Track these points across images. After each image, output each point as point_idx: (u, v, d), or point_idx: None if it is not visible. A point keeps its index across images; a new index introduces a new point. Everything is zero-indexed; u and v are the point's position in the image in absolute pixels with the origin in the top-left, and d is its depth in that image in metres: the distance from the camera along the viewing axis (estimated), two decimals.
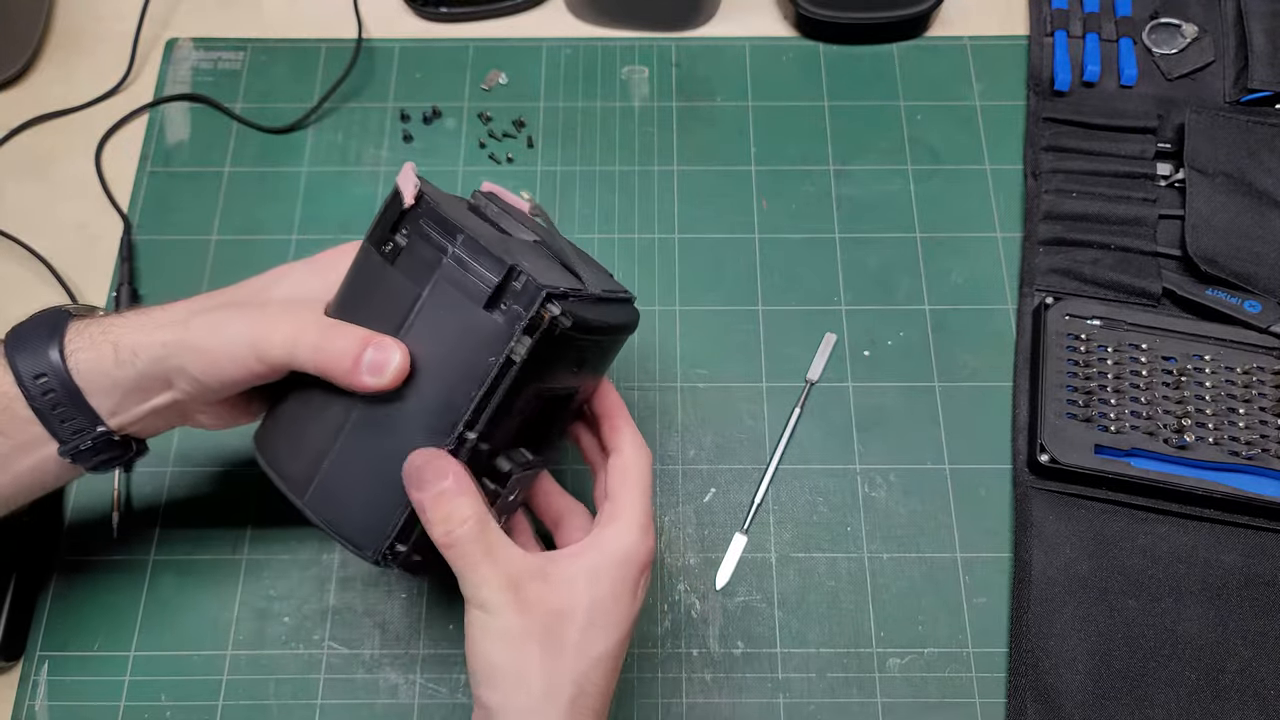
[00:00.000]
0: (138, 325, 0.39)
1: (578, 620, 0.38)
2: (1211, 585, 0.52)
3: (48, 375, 0.38)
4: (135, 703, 0.51)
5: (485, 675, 0.37)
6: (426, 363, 0.37)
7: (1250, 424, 0.54)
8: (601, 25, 0.70)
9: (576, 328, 0.37)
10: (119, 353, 0.39)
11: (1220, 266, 0.58)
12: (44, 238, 0.62)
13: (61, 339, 0.39)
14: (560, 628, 0.37)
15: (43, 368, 0.38)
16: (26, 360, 0.38)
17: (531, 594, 0.37)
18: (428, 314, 0.37)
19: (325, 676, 0.51)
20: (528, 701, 0.36)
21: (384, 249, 0.38)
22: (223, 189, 0.64)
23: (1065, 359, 0.57)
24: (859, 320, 0.60)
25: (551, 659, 0.37)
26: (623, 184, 0.65)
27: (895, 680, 0.52)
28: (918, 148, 0.66)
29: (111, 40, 0.69)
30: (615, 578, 0.39)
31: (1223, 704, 0.50)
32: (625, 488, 0.41)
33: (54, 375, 0.38)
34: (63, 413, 0.39)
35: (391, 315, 0.38)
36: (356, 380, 0.36)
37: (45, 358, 0.38)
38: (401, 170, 0.39)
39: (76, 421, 0.39)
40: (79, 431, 0.40)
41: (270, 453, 0.41)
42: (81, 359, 0.39)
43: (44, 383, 0.38)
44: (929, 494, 0.56)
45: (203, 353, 0.38)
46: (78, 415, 0.39)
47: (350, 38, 0.69)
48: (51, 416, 0.39)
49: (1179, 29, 0.67)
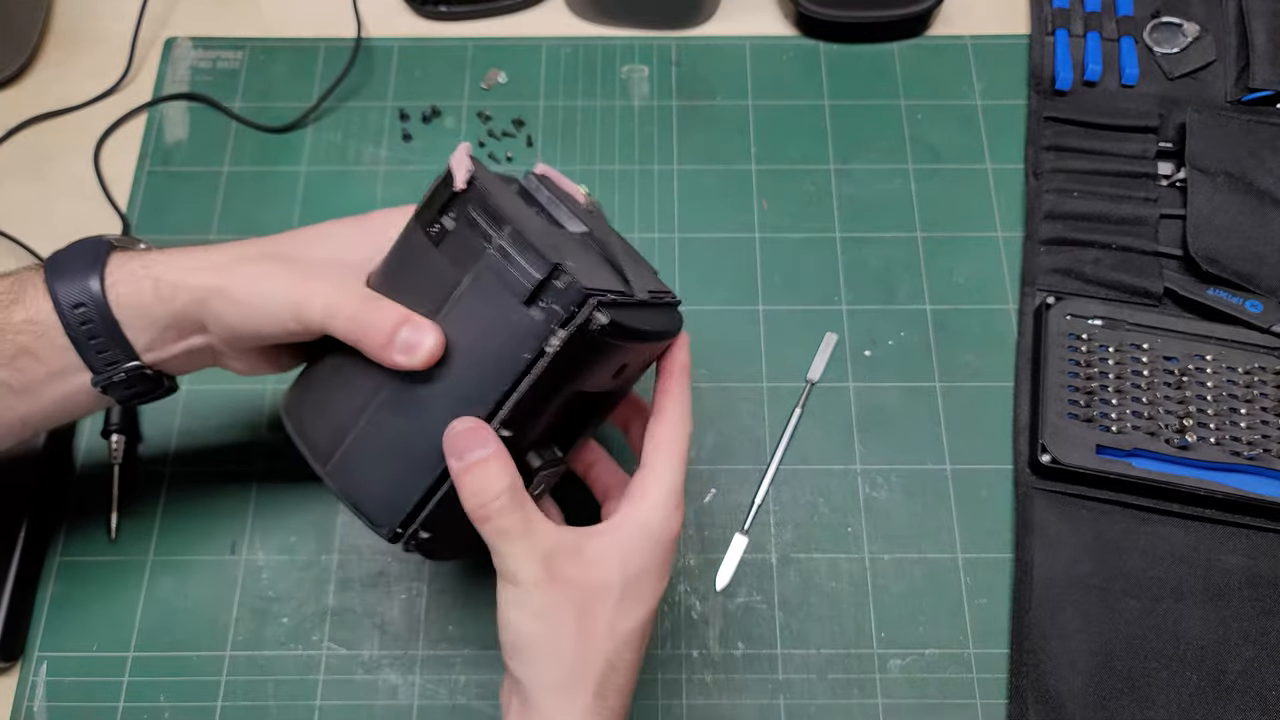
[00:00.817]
0: (180, 264, 0.39)
1: (611, 597, 0.38)
2: (1213, 586, 0.52)
3: (86, 305, 0.38)
4: (134, 703, 0.51)
5: (516, 648, 0.37)
6: (461, 350, 0.37)
7: (1252, 424, 0.54)
8: (601, 24, 0.70)
9: (614, 332, 0.36)
10: (159, 289, 0.38)
11: (1222, 266, 0.58)
12: (42, 237, 0.62)
13: (103, 269, 0.38)
14: (594, 604, 0.37)
15: (82, 297, 0.38)
16: (66, 288, 0.38)
17: (566, 570, 0.37)
18: (467, 301, 0.37)
19: (324, 677, 0.51)
20: (558, 676, 0.37)
21: (430, 230, 0.37)
22: (221, 188, 0.64)
23: (1066, 359, 0.56)
24: (860, 320, 0.60)
25: (584, 635, 0.37)
26: (622, 183, 0.64)
27: (896, 681, 0.51)
28: (918, 147, 0.65)
29: (110, 39, 0.69)
30: (648, 554, 0.39)
31: (1224, 705, 0.50)
32: (662, 458, 0.40)
33: (93, 305, 0.38)
34: (99, 344, 0.39)
35: (431, 297, 0.37)
36: (388, 356, 0.36)
37: (85, 287, 0.38)
38: (455, 151, 0.37)
39: (111, 353, 0.39)
40: (113, 363, 0.39)
41: (297, 417, 0.41)
42: (121, 291, 0.38)
43: (82, 312, 0.38)
44: (930, 494, 0.56)
45: (241, 304, 0.38)
46: (113, 347, 0.39)
47: (349, 37, 0.68)
48: (88, 346, 0.39)
49: (1180, 28, 0.67)
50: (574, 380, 0.38)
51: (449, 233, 0.37)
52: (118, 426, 0.55)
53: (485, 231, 0.36)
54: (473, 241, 0.36)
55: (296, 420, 0.41)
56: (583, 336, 0.36)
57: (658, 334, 0.39)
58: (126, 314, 0.39)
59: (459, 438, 0.36)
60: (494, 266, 0.36)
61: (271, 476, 0.56)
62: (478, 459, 0.36)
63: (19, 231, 0.62)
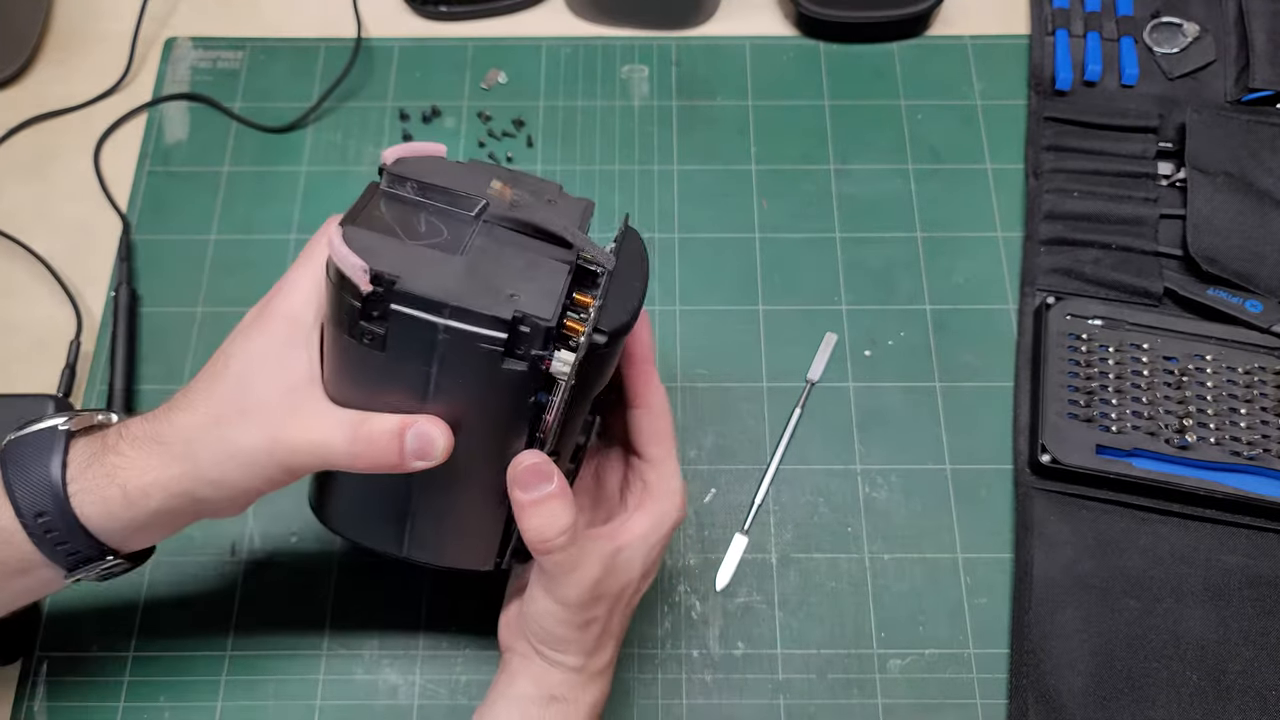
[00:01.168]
0: (144, 464, 0.37)
1: (629, 591, 0.42)
2: (1213, 586, 0.52)
3: (50, 515, 0.36)
4: (134, 703, 0.51)
5: (546, 642, 0.41)
6: (466, 418, 0.36)
7: (1252, 424, 0.54)
8: (601, 24, 0.70)
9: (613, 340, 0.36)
10: (128, 494, 0.37)
11: (1222, 266, 0.58)
12: (42, 237, 0.62)
13: (63, 473, 0.36)
14: (618, 602, 0.41)
15: (44, 505, 0.36)
16: (26, 494, 0.36)
17: (605, 586, 0.40)
18: (446, 383, 0.35)
19: (325, 677, 0.51)
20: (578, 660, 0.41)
21: (365, 340, 0.34)
22: (222, 188, 0.64)
23: (1066, 359, 0.56)
24: (860, 320, 0.60)
25: (607, 628, 0.41)
26: (622, 183, 0.64)
27: (896, 681, 0.51)
28: (918, 147, 0.65)
29: (110, 39, 0.69)
30: (661, 544, 0.42)
31: (1225, 705, 0.50)
32: (662, 450, 0.43)
33: (57, 513, 0.36)
34: (67, 548, 0.37)
35: (408, 392, 0.36)
36: (408, 467, 0.36)
37: (47, 495, 0.36)
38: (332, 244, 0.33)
39: (82, 554, 0.37)
40: (86, 561, 0.38)
41: (347, 526, 0.43)
42: (86, 501, 0.36)
43: (45, 521, 0.36)
44: (930, 494, 0.56)
45: (220, 484, 0.37)
46: (83, 549, 0.37)
47: (349, 37, 0.68)
48: (55, 552, 0.37)
49: (1180, 28, 0.67)
50: (590, 390, 0.39)
51: (386, 336, 0.34)
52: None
53: (424, 321, 0.33)
54: (417, 333, 0.34)
55: (348, 528, 0.43)
56: (590, 356, 0.36)
57: (637, 308, 0.38)
58: (97, 524, 0.37)
59: (525, 473, 0.37)
60: (454, 346, 0.34)
61: None
62: (544, 495, 0.37)
63: (19, 232, 0.62)
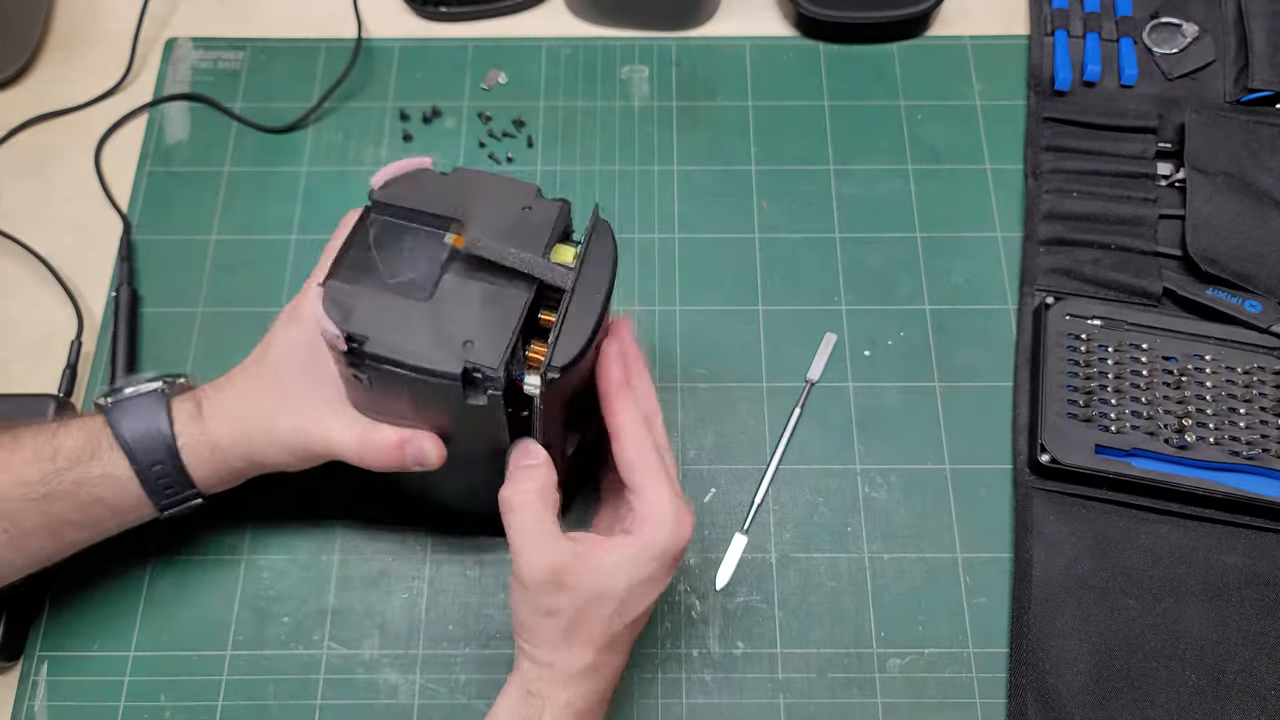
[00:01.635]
0: (223, 430, 0.46)
1: (611, 604, 0.41)
2: (1212, 585, 0.52)
3: (164, 463, 0.45)
4: (135, 703, 0.51)
5: (520, 630, 0.43)
6: (454, 431, 0.43)
7: (1251, 424, 0.54)
8: (601, 25, 0.70)
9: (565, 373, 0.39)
10: (215, 452, 0.46)
11: (1221, 266, 0.58)
12: (43, 237, 0.62)
13: (172, 428, 0.45)
14: (593, 609, 0.41)
15: (160, 456, 0.44)
16: (144, 449, 0.44)
17: (571, 579, 0.41)
18: (429, 409, 0.42)
19: (325, 677, 0.51)
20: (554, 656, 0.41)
21: (358, 378, 0.41)
22: (222, 189, 0.64)
23: (1066, 359, 0.57)
24: (859, 320, 0.60)
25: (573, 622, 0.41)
26: (622, 184, 0.64)
27: (895, 681, 0.52)
28: (918, 147, 0.66)
29: (111, 40, 0.69)
30: (655, 567, 0.42)
31: (1224, 704, 0.50)
32: (643, 477, 0.42)
33: (170, 463, 0.45)
34: (173, 493, 0.46)
35: (403, 411, 0.43)
36: (408, 468, 0.44)
37: (161, 448, 0.44)
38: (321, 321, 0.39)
39: (179, 493, 0.46)
40: (180, 501, 0.46)
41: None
42: (190, 452, 0.45)
43: (159, 469, 0.45)
44: (929, 494, 0.56)
45: (268, 456, 0.46)
46: (183, 490, 0.46)
47: (350, 37, 0.69)
48: (161, 494, 0.45)
49: (1179, 29, 0.67)
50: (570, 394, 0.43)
51: (371, 379, 0.41)
52: None
53: (392, 374, 0.39)
54: (392, 377, 0.40)
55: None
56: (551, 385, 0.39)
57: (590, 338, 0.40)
58: (194, 469, 0.45)
59: (520, 452, 0.44)
60: (423, 388, 0.39)
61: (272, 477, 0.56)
62: (533, 464, 0.43)
63: (20, 232, 0.62)
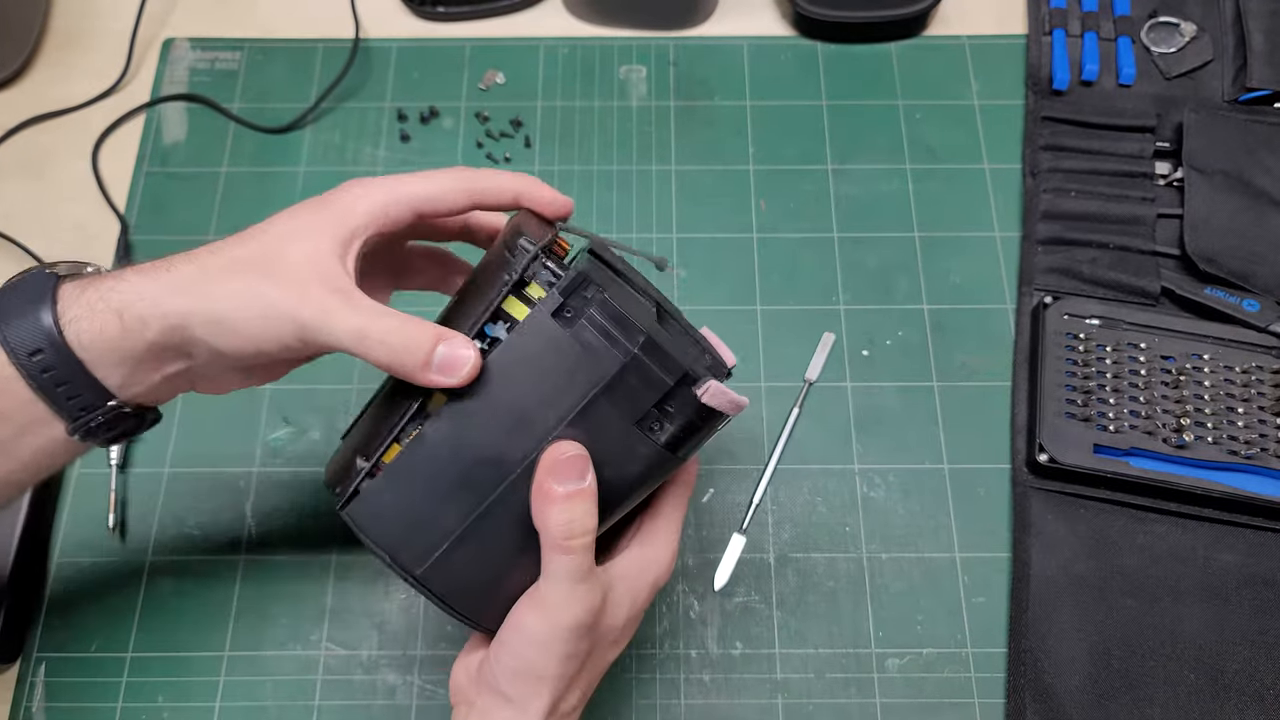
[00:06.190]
0: (142, 289, 0.35)
1: (608, 639, 0.38)
2: (1211, 585, 0.52)
3: (44, 351, 0.34)
4: (132, 704, 0.51)
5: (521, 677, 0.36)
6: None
7: (1249, 423, 0.54)
8: (599, 24, 0.70)
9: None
10: (125, 321, 0.35)
11: (1219, 265, 0.58)
12: (40, 238, 0.62)
13: (54, 306, 0.35)
14: (599, 645, 0.38)
15: (38, 342, 0.34)
16: (18, 333, 0.34)
17: (599, 617, 0.37)
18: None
19: (323, 677, 0.51)
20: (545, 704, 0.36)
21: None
22: (220, 189, 0.64)
23: (1064, 358, 0.57)
24: (858, 320, 0.60)
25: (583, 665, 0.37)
26: (620, 184, 0.64)
27: (894, 680, 0.52)
28: (916, 147, 0.65)
29: (108, 40, 0.69)
30: (646, 599, 0.39)
31: (1222, 704, 0.50)
32: (672, 506, 0.41)
33: (52, 349, 0.34)
34: (67, 390, 0.35)
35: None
36: (425, 377, 0.34)
37: (39, 330, 0.34)
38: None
39: (83, 398, 0.36)
40: (88, 408, 0.36)
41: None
42: (82, 329, 0.35)
43: (41, 360, 0.34)
44: (928, 494, 0.56)
45: (230, 328, 0.35)
46: (84, 391, 0.35)
47: (347, 37, 0.69)
48: (55, 394, 0.35)
49: (1177, 28, 0.67)
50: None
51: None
52: None
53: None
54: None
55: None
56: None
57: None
58: (92, 354, 0.35)
59: (565, 464, 0.35)
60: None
61: (271, 476, 0.56)
62: (578, 489, 0.35)
63: (17, 232, 0.62)
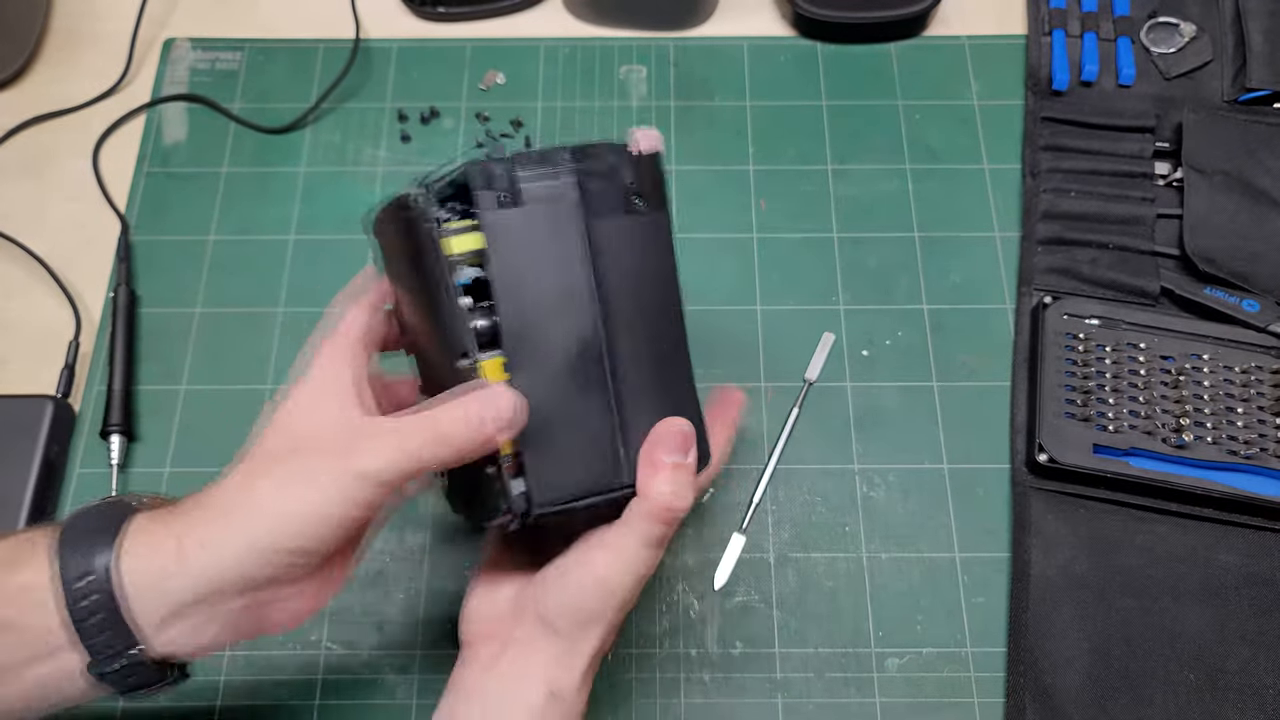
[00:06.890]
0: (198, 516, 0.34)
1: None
2: (1210, 585, 0.52)
3: (93, 576, 0.33)
4: (132, 704, 0.50)
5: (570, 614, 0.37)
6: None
7: (1249, 423, 0.54)
8: (599, 25, 0.70)
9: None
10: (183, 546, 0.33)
11: (1218, 265, 0.58)
12: (41, 238, 0.62)
13: (119, 529, 0.34)
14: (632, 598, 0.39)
15: (88, 565, 0.33)
16: (74, 551, 0.33)
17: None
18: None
19: (323, 677, 0.51)
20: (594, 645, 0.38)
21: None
22: (220, 189, 0.64)
23: (1063, 358, 0.57)
24: (857, 320, 0.60)
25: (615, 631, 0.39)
26: None
27: (893, 680, 0.52)
28: (916, 147, 0.66)
29: (109, 40, 0.69)
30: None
31: (1222, 704, 0.50)
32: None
33: (101, 580, 0.33)
34: (99, 628, 0.33)
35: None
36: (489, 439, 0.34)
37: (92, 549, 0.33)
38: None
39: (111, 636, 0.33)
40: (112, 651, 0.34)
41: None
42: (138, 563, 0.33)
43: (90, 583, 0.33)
44: (927, 494, 0.56)
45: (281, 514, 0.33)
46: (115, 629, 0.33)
47: (348, 38, 0.69)
48: (90, 634, 0.33)
49: (1177, 28, 0.67)
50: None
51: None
52: (117, 427, 0.55)
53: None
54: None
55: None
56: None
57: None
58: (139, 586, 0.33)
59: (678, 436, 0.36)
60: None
61: None
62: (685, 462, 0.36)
63: (17, 232, 0.62)
